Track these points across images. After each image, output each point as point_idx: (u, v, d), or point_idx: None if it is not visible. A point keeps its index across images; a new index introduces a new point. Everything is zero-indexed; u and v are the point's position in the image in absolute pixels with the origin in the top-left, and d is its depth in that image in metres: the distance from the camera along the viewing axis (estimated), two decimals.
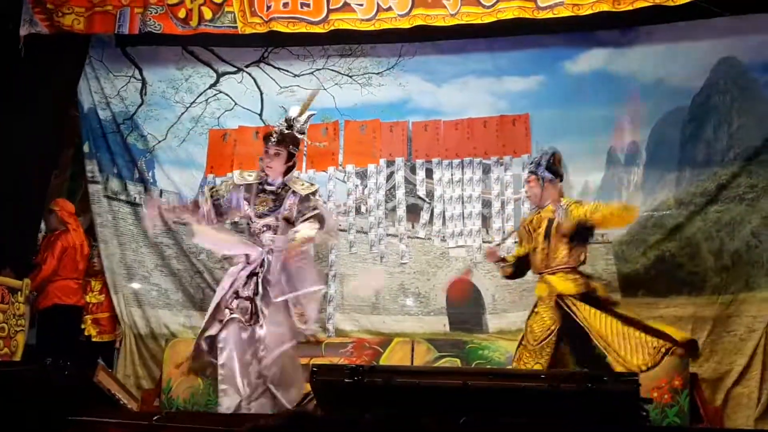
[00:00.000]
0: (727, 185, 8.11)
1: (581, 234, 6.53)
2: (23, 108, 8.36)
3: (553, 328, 6.38)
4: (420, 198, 8.93)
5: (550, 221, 6.58)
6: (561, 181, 6.76)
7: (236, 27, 8.21)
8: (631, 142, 8.55)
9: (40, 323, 8.29)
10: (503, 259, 7.03)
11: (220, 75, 9.45)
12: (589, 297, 6.39)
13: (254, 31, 8.19)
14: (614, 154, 8.59)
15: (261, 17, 8.11)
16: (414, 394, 4.37)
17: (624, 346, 6.11)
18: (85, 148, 9.34)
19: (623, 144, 8.58)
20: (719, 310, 7.90)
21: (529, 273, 6.93)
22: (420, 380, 4.47)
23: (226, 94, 9.41)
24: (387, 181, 8.95)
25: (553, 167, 6.68)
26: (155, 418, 4.95)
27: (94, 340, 8.58)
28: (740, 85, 8.27)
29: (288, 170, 6.64)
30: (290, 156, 6.61)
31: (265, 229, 6.49)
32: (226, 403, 6.22)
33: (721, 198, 8.13)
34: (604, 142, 8.59)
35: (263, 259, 6.42)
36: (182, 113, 9.40)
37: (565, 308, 6.36)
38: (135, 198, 9.28)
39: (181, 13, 8.25)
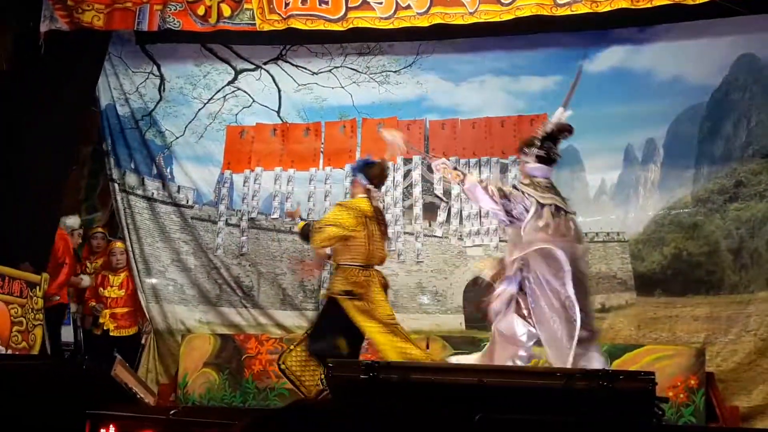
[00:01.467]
0: (747, 182, 8.08)
1: None
2: (43, 104, 8.39)
3: None
4: (437, 196, 8.94)
5: None
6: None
7: (254, 24, 8.21)
8: (649, 139, 8.52)
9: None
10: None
11: (238, 72, 9.48)
12: None
13: (272, 28, 8.20)
14: (632, 151, 8.56)
15: (279, 14, 8.12)
16: (429, 390, 4.37)
17: None
18: (103, 144, 9.38)
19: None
20: (738, 309, 7.87)
21: None
22: (435, 377, 4.47)
23: (244, 91, 9.44)
24: (404, 179, 8.96)
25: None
26: (172, 412, 4.97)
27: (111, 334, 8.63)
28: (759, 82, 8.23)
29: None
30: None
31: None
32: None
33: (741, 195, 8.10)
34: (622, 139, 8.57)
35: None
36: (200, 109, 9.44)
37: None
38: (153, 194, 9.32)
39: (200, 11, 8.27)
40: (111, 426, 4.79)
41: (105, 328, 8.61)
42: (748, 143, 8.21)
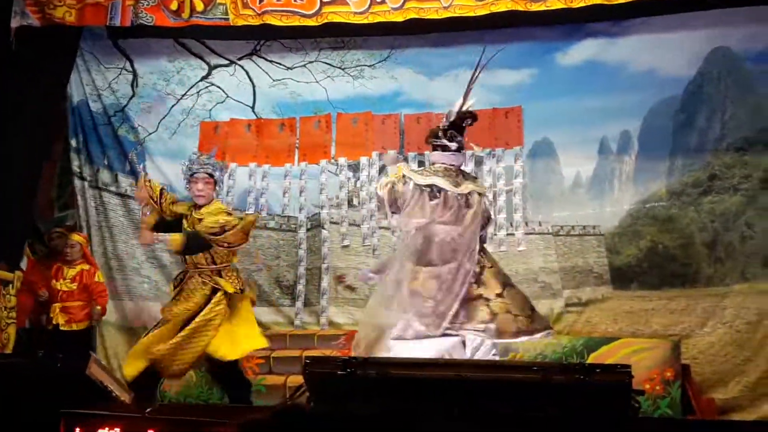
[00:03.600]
0: (721, 175, 8.12)
1: None
2: (14, 101, 8.31)
3: None
4: None
5: None
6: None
7: (228, 19, 8.17)
8: (624, 131, 8.54)
9: None
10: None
11: (212, 67, 9.41)
12: None
13: (246, 23, 8.16)
14: (606, 144, 8.57)
15: (253, 9, 8.08)
16: (407, 386, 4.36)
17: None
18: (74, 141, 9.30)
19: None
20: (714, 302, 7.92)
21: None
22: (413, 372, 4.46)
23: (218, 87, 9.37)
24: (379, 173, 8.92)
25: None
26: (148, 410, 4.94)
27: (62, 328, 8.45)
28: (733, 75, 8.26)
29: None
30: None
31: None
32: None
33: (715, 188, 8.14)
34: (597, 132, 8.58)
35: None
36: (173, 105, 9.37)
37: None
38: (126, 190, 9.26)
39: (173, 5, 8.22)
40: (86, 424, 4.75)
41: (55, 322, 8.42)
42: (722, 136, 8.24)
